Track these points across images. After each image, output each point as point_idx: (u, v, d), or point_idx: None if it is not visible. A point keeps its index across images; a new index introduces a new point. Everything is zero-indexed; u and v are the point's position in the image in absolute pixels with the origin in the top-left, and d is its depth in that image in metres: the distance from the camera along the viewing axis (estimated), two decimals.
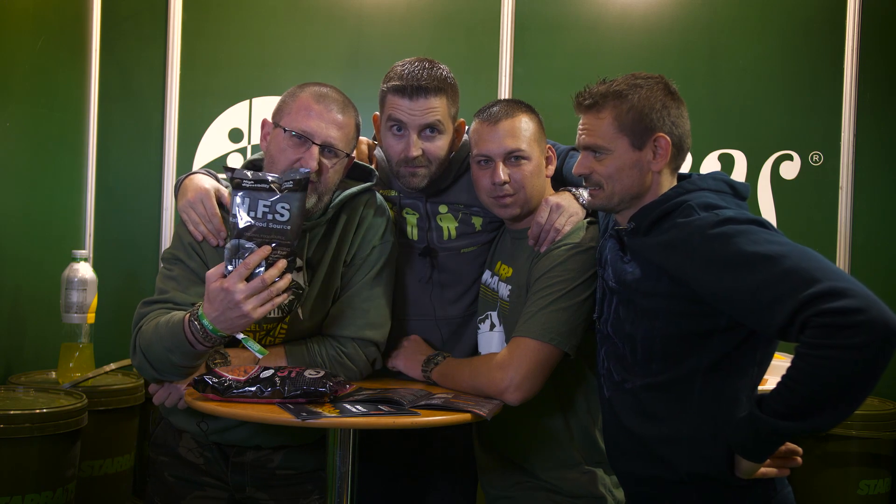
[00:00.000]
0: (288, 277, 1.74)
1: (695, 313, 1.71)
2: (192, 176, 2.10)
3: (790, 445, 1.74)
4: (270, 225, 1.72)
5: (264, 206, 1.72)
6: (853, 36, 3.23)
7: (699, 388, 1.73)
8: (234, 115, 3.33)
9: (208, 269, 1.96)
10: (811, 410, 1.53)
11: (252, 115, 3.33)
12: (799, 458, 1.76)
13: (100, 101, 3.27)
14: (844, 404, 1.52)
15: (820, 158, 3.27)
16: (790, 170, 3.29)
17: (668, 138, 1.79)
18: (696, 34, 3.31)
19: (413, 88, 2.03)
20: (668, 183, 1.84)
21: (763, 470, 1.69)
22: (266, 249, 1.71)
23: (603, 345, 1.91)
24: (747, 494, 1.73)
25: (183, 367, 1.83)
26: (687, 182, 1.81)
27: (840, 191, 3.25)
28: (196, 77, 3.31)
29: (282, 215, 1.73)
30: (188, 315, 1.79)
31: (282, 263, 1.73)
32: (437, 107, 2.05)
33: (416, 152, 2.06)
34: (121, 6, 3.28)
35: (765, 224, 1.66)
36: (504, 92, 3.31)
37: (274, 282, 1.72)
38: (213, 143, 3.31)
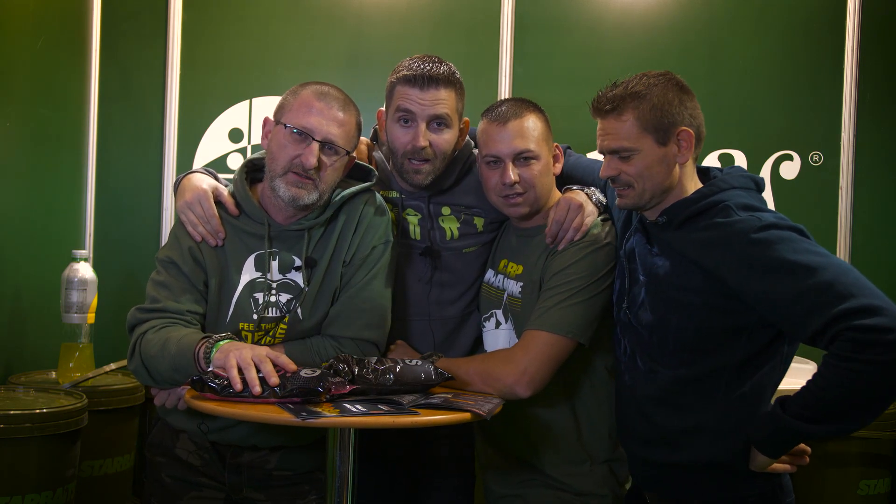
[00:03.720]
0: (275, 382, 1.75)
1: (727, 310, 1.76)
2: (190, 175, 2.10)
3: (801, 444, 1.81)
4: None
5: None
6: (853, 36, 3.23)
7: (726, 383, 1.79)
8: (234, 115, 3.33)
9: (206, 273, 1.98)
10: (832, 417, 1.62)
11: (252, 115, 3.33)
12: (807, 457, 1.83)
13: (100, 101, 3.27)
14: (865, 414, 1.61)
15: (820, 158, 3.27)
16: (790, 170, 3.29)
17: (691, 130, 1.85)
18: (696, 34, 3.31)
19: (425, 78, 2.05)
20: (691, 173, 1.90)
21: (775, 465, 1.76)
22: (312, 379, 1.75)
23: (626, 335, 1.95)
24: (755, 482, 1.79)
25: (181, 382, 1.87)
26: (719, 180, 1.85)
27: (840, 191, 3.25)
28: (196, 77, 3.31)
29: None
30: (203, 344, 1.81)
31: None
32: (446, 99, 2.07)
33: (423, 142, 2.07)
34: (121, 6, 3.28)
35: (804, 232, 1.72)
36: (504, 92, 3.31)
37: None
38: (213, 143, 3.31)
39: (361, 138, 2.24)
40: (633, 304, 1.92)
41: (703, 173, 1.93)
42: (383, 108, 2.18)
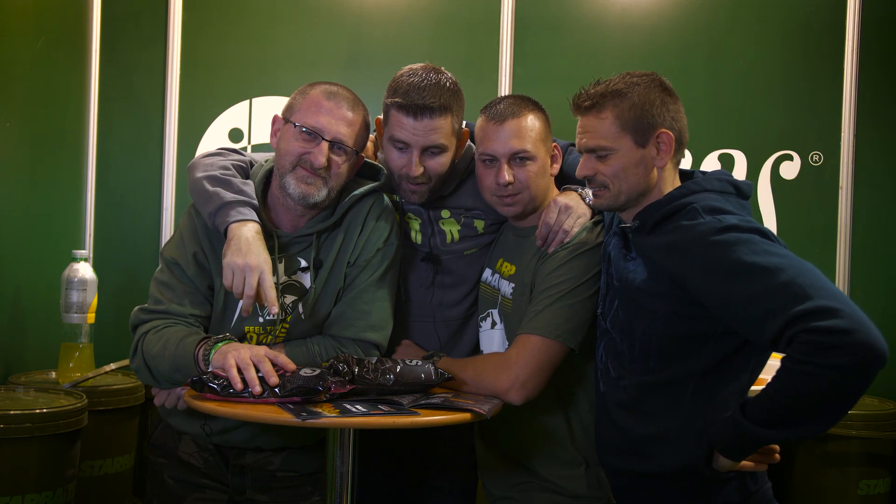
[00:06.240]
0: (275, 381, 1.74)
1: (693, 316, 1.73)
2: (247, 232, 1.88)
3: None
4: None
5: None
6: (853, 36, 3.23)
7: (692, 390, 1.76)
8: (234, 115, 3.33)
9: (211, 277, 1.98)
10: (790, 421, 1.57)
11: (252, 115, 3.33)
12: (777, 455, 1.79)
13: (100, 102, 3.27)
14: (823, 419, 1.56)
15: (820, 158, 3.27)
16: (790, 170, 3.29)
17: (671, 133, 1.81)
18: (696, 34, 3.31)
19: (418, 108, 1.98)
20: (671, 178, 1.85)
21: (743, 463, 1.72)
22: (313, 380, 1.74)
23: (602, 340, 1.93)
24: (725, 489, 1.76)
25: (182, 382, 1.87)
26: (692, 182, 1.81)
27: (840, 191, 3.24)
28: (196, 77, 3.31)
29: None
30: (203, 345, 1.81)
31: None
32: (441, 127, 2.01)
33: (417, 171, 2.04)
34: (121, 6, 3.28)
35: (767, 234, 1.67)
36: (504, 92, 3.31)
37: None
38: (213, 144, 3.31)
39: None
40: (608, 309, 1.90)
41: (688, 177, 1.88)
42: (381, 118, 2.12)
